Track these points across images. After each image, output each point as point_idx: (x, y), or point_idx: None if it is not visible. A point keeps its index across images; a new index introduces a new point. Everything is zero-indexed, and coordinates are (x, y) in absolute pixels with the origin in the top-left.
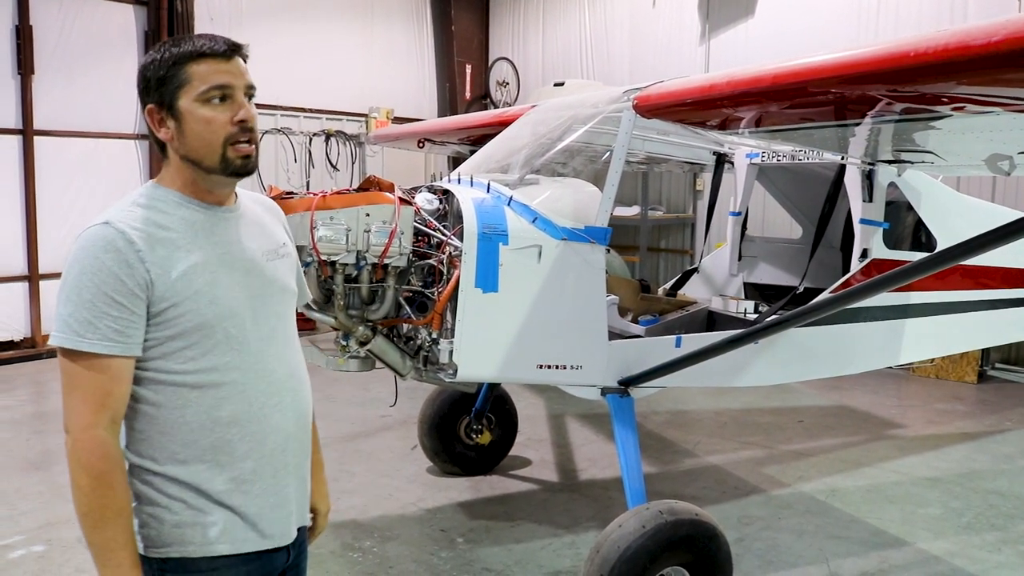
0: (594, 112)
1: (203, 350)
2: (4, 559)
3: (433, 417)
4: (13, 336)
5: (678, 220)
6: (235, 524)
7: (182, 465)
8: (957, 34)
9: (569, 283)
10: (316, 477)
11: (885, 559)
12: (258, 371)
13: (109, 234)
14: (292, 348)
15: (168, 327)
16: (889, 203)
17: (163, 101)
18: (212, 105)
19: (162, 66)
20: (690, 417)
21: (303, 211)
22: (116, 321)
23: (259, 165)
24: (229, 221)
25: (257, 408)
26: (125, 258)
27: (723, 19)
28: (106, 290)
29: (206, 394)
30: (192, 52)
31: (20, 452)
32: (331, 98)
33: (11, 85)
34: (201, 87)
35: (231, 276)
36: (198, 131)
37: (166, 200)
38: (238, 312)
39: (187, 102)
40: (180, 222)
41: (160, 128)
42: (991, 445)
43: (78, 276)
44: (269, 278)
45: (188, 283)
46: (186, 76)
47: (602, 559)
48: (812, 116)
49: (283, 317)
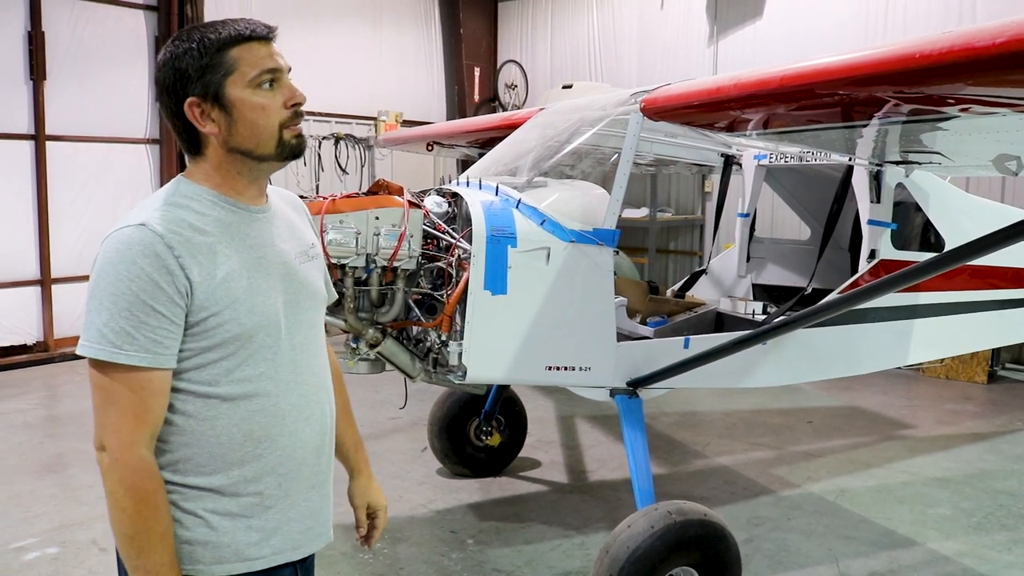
0: (602, 115)
1: (239, 361)
2: (18, 561)
3: (443, 419)
4: (26, 340)
5: (686, 222)
6: (249, 542)
7: (205, 478)
8: (963, 36)
9: (578, 285)
10: (366, 473)
11: (895, 559)
12: (289, 383)
13: (147, 237)
14: (321, 358)
15: (206, 337)
16: (897, 204)
17: (207, 91)
18: (264, 91)
19: (203, 54)
20: (699, 418)
21: (313, 215)
22: (155, 331)
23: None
24: (262, 223)
25: (290, 422)
26: (165, 263)
27: (731, 21)
28: (145, 298)
29: (238, 407)
30: (235, 36)
31: (34, 455)
32: (340, 102)
33: (23, 90)
34: (251, 72)
35: (268, 282)
36: (252, 119)
37: (200, 199)
38: (275, 320)
39: (237, 90)
40: (216, 224)
41: (204, 122)
42: (1002, 445)
43: (113, 282)
44: (302, 282)
45: (228, 290)
46: (232, 62)
47: (611, 559)
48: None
49: (315, 325)
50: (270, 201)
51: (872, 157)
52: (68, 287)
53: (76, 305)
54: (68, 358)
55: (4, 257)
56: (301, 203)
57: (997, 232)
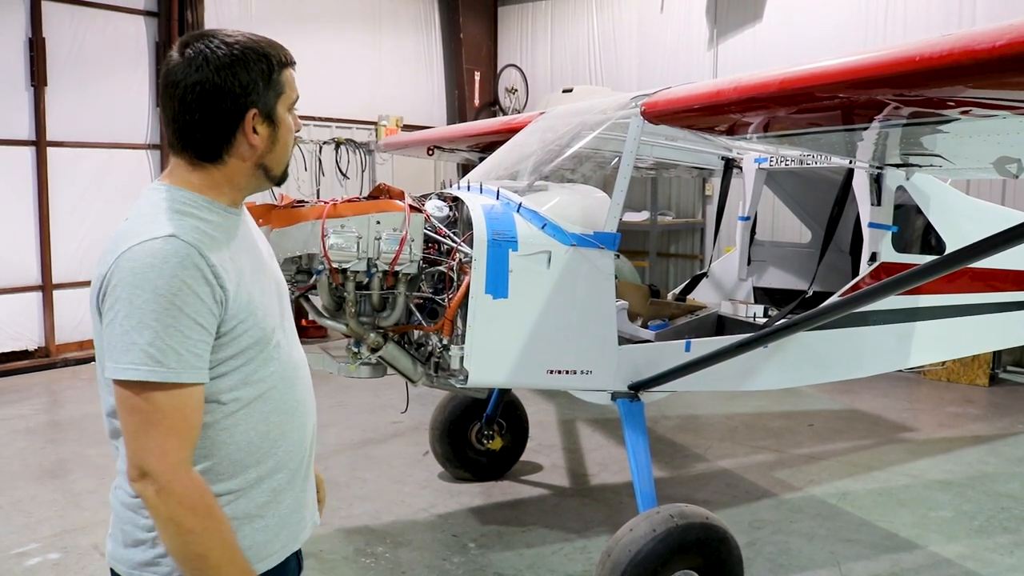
0: (602, 118)
1: (257, 364)
2: (21, 566)
3: (444, 423)
4: (28, 346)
5: (687, 225)
6: (265, 541)
7: (223, 484)
8: (962, 39)
9: (579, 288)
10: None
11: (896, 562)
12: (292, 379)
13: (182, 250)
14: (300, 347)
15: (233, 345)
16: (898, 207)
17: (267, 106)
18: (292, 114)
19: (272, 69)
20: (700, 422)
21: (314, 219)
22: (197, 345)
23: None
24: (246, 224)
25: (298, 416)
26: (204, 276)
27: (731, 24)
28: (189, 312)
29: (255, 409)
30: (286, 60)
31: (36, 461)
32: (341, 106)
33: (24, 96)
34: (292, 96)
35: (265, 282)
36: (286, 140)
37: (198, 205)
38: (278, 320)
39: (283, 110)
40: (220, 230)
41: (251, 134)
42: (1003, 448)
43: (153, 298)
44: (280, 279)
45: (248, 296)
46: (283, 83)
47: (613, 563)
48: (820, 121)
49: (291, 318)
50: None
51: (872, 160)
52: (69, 292)
53: (77, 310)
54: (70, 363)
55: (5, 263)
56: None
57: (998, 234)
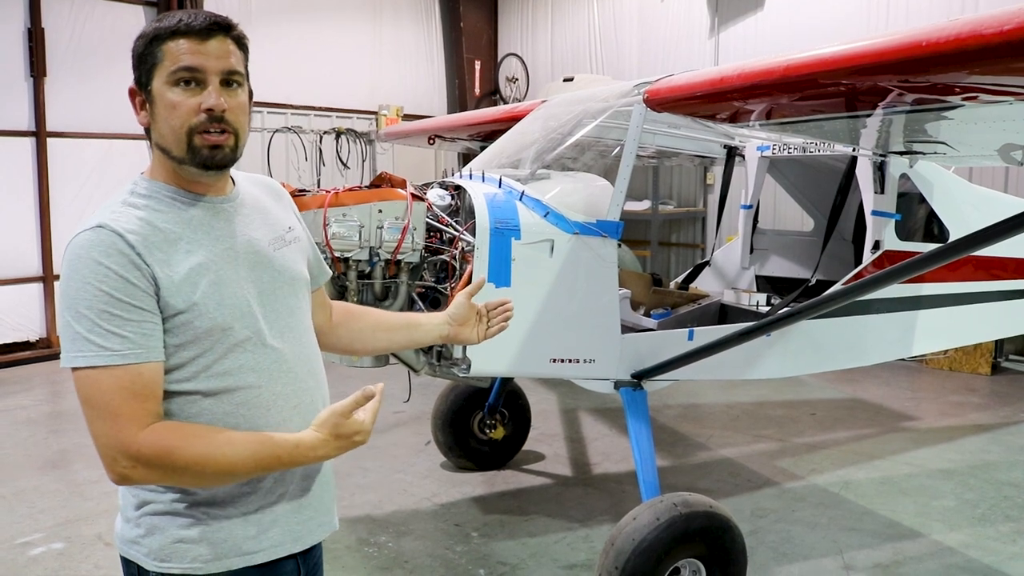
0: (604, 106)
1: (216, 356)
2: (24, 556)
3: (447, 412)
4: (29, 336)
5: (689, 214)
6: (247, 535)
7: None
8: (969, 23)
9: (581, 277)
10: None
11: (899, 551)
12: (273, 373)
13: (106, 238)
14: (307, 343)
15: (176, 335)
16: (901, 194)
17: (141, 80)
18: (180, 89)
19: (141, 42)
20: (703, 410)
21: (316, 208)
22: (142, 326)
23: (240, 158)
24: (228, 212)
25: (276, 412)
26: (131, 260)
27: (732, 12)
28: (122, 296)
29: (221, 401)
30: (169, 29)
31: (38, 451)
32: (341, 96)
33: (24, 87)
34: (170, 67)
35: (237, 273)
36: (164, 116)
37: (158, 196)
38: (248, 311)
39: (158, 83)
40: (176, 220)
41: (140, 111)
42: (1005, 437)
43: (82, 287)
44: (278, 269)
45: (192, 287)
46: (160, 54)
47: (616, 552)
48: (823, 108)
49: (296, 311)
50: (238, 188)
51: (876, 147)
52: None
53: None
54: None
55: (6, 254)
56: (279, 188)
57: (1001, 223)
